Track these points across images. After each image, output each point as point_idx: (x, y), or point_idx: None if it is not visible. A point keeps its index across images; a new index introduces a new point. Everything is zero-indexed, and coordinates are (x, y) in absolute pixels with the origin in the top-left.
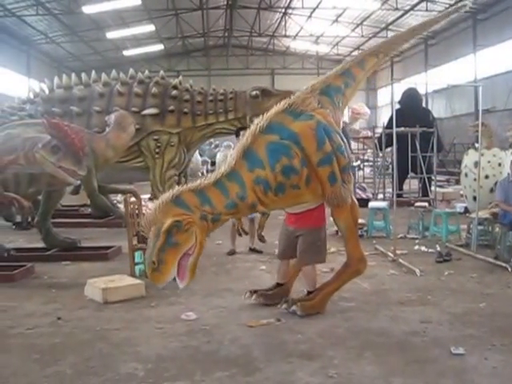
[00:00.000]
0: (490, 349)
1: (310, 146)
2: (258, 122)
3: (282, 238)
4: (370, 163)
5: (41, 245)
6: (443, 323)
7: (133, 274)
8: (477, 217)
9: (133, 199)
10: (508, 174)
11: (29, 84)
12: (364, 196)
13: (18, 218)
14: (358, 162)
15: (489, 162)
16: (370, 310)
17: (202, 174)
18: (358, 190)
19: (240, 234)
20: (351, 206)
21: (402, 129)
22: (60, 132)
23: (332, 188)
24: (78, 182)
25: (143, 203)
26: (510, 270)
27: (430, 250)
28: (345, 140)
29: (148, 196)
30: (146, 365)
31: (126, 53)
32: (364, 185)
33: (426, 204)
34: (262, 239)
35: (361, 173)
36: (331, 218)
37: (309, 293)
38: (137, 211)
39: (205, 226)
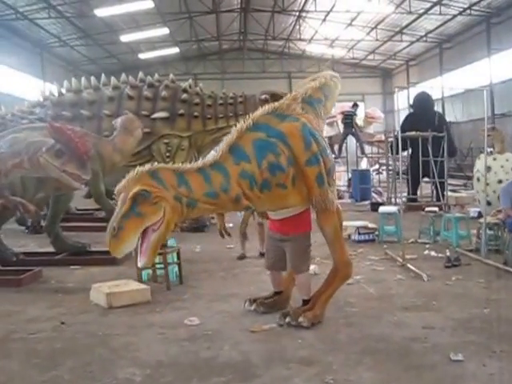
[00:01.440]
0: (490, 355)
1: (297, 145)
2: (245, 120)
3: (270, 247)
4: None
5: (51, 249)
6: (445, 329)
7: (139, 279)
8: (485, 222)
9: None
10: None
11: (44, 87)
12: (380, 200)
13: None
14: (377, 166)
15: (502, 166)
16: (374, 315)
17: None
18: (374, 194)
19: (222, 236)
20: (336, 210)
21: (413, 133)
22: (64, 136)
23: (320, 189)
24: (83, 186)
25: None
26: None
27: (440, 255)
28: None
29: None
30: (145, 370)
31: (142, 56)
32: (380, 189)
33: (437, 209)
34: (244, 236)
35: (377, 177)
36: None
37: (304, 301)
38: None
39: (178, 208)
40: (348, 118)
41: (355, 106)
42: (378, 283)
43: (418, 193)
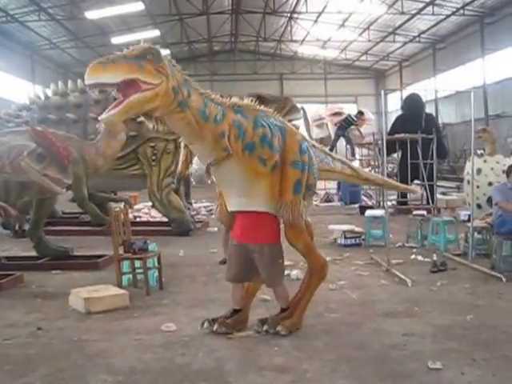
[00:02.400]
0: (470, 364)
1: (292, 144)
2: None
3: (234, 257)
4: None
5: (34, 253)
6: (426, 336)
7: (119, 284)
8: (472, 225)
9: (118, 208)
10: (503, 182)
11: (33, 90)
12: (370, 203)
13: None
14: (369, 168)
15: (492, 168)
16: (354, 321)
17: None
18: (364, 197)
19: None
20: (306, 225)
21: (402, 135)
22: (45, 140)
23: (293, 196)
24: (64, 190)
25: (146, 211)
26: (504, 280)
27: (427, 260)
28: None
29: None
30: (117, 377)
31: None
32: (370, 192)
33: (425, 212)
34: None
35: None
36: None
37: (282, 309)
38: (123, 220)
39: (170, 96)
40: (347, 123)
41: (360, 113)
42: (362, 289)
43: (409, 196)
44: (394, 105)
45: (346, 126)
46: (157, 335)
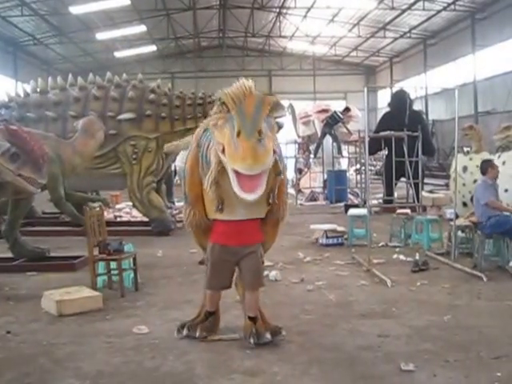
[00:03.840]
0: (443, 365)
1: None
2: None
3: (220, 265)
4: (370, 167)
5: (9, 255)
6: (401, 337)
7: (93, 286)
8: (455, 224)
9: (93, 208)
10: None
11: (15, 87)
12: (356, 201)
13: None
14: (358, 166)
15: (477, 166)
16: (329, 323)
17: None
18: (350, 196)
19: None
20: None
21: (388, 132)
22: (19, 139)
23: (286, 199)
24: (39, 190)
25: (128, 210)
26: (485, 279)
27: (409, 259)
28: None
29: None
30: (84, 381)
31: (118, 54)
32: (357, 190)
33: (409, 211)
34: None
35: (357, 177)
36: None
37: (250, 318)
38: (98, 221)
39: None
40: (333, 120)
41: (347, 110)
42: (340, 289)
43: (396, 194)
44: (385, 101)
45: (332, 123)
46: (128, 338)
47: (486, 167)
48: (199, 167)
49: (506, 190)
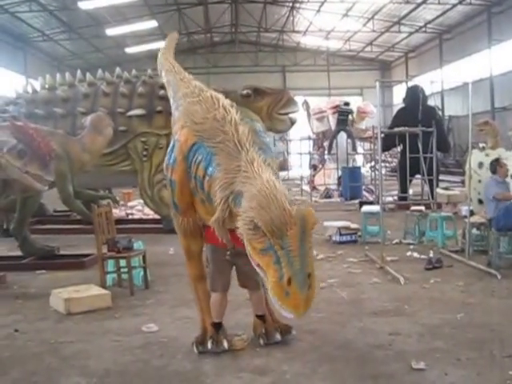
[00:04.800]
0: (454, 363)
1: None
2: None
3: (223, 265)
4: (385, 164)
5: (19, 253)
6: (412, 335)
7: (103, 284)
8: (469, 221)
9: (101, 205)
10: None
11: (26, 83)
12: (371, 198)
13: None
14: (373, 163)
15: None
16: (340, 321)
17: None
18: (365, 193)
19: None
20: None
21: (400, 128)
22: (26, 136)
23: None
24: (46, 187)
25: (140, 208)
26: (499, 277)
27: (423, 257)
28: None
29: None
30: (91, 379)
31: (129, 50)
32: (372, 187)
33: (423, 208)
34: None
35: (373, 174)
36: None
37: (258, 316)
38: (107, 218)
39: None
40: (343, 115)
41: (346, 104)
42: (352, 287)
43: (410, 191)
44: (400, 98)
45: (344, 118)
46: (136, 336)
47: (495, 166)
48: (190, 183)
49: None
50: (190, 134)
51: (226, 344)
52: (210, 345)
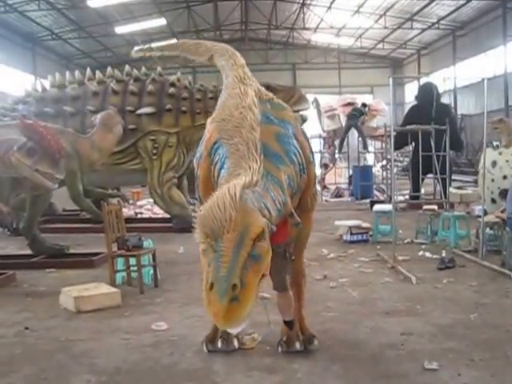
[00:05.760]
0: (467, 364)
1: (304, 140)
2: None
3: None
4: (397, 163)
5: (29, 251)
6: (425, 335)
7: (112, 283)
8: (483, 220)
9: (111, 203)
10: None
11: (35, 83)
12: (382, 198)
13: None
14: (384, 162)
15: (507, 161)
16: (352, 320)
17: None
18: (376, 192)
19: None
20: None
21: (413, 126)
22: (36, 134)
23: (315, 188)
24: (56, 185)
25: (149, 207)
26: None
27: (435, 256)
28: None
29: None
30: (100, 377)
31: (138, 48)
32: (383, 186)
33: (436, 207)
34: None
35: (384, 173)
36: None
37: (285, 322)
38: (117, 217)
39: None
40: (356, 111)
41: (364, 106)
42: (363, 286)
43: (423, 190)
44: (412, 95)
45: (357, 114)
46: (146, 335)
47: None
48: (211, 180)
49: None
50: (214, 130)
51: (236, 343)
52: (219, 344)
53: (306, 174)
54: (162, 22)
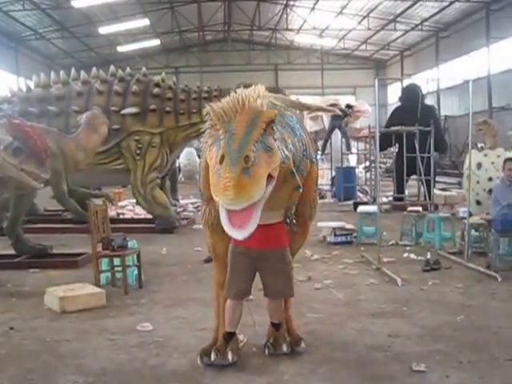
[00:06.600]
0: (455, 366)
1: (307, 135)
2: None
3: (242, 268)
4: (380, 164)
5: (12, 251)
6: (412, 337)
7: (97, 283)
8: (468, 222)
9: (97, 203)
10: (501, 177)
11: (17, 82)
12: (365, 199)
13: None
14: (367, 163)
15: (492, 163)
16: (337, 322)
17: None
18: (359, 193)
19: None
20: None
21: (398, 128)
22: (22, 133)
23: (315, 193)
24: (42, 185)
25: (131, 208)
26: (499, 279)
27: (420, 258)
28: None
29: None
30: (88, 378)
31: (121, 49)
32: (366, 187)
33: (420, 208)
34: None
35: (367, 175)
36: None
37: (273, 325)
38: (102, 217)
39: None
40: (340, 111)
41: (348, 107)
42: (348, 288)
43: (407, 191)
44: (395, 96)
45: (341, 115)
46: (132, 335)
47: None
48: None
49: None
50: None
51: (230, 356)
52: (214, 356)
53: (308, 166)
54: (145, 22)
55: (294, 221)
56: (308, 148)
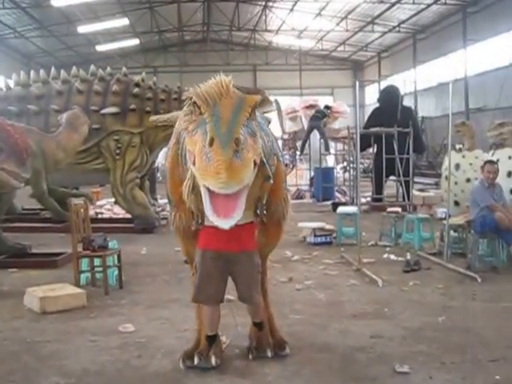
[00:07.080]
0: (438, 367)
1: (273, 134)
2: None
3: (211, 273)
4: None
5: None
6: (394, 338)
7: (77, 283)
8: (448, 223)
9: (78, 203)
10: (480, 179)
11: None
12: (343, 200)
13: None
14: (345, 164)
15: (470, 164)
16: (320, 323)
17: None
18: (337, 194)
19: None
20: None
21: (377, 129)
22: (2, 132)
23: (285, 191)
24: (22, 185)
25: (109, 207)
26: (479, 280)
27: (400, 259)
28: None
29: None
30: (69, 379)
31: (100, 48)
32: (345, 188)
33: (399, 209)
34: None
35: (344, 175)
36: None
37: (256, 324)
38: (83, 216)
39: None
40: (319, 112)
41: (327, 108)
42: (329, 289)
43: (385, 192)
44: (372, 97)
45: (320, 116)
46: (113, 336)
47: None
48: (179, 167)
49: None
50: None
51: (213, 360)
52: (197, 360)
53: (275, 162)
54: (124, 21)
55: (265, 211)
56: (274, 144)
